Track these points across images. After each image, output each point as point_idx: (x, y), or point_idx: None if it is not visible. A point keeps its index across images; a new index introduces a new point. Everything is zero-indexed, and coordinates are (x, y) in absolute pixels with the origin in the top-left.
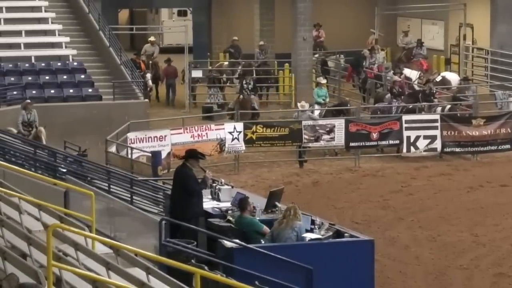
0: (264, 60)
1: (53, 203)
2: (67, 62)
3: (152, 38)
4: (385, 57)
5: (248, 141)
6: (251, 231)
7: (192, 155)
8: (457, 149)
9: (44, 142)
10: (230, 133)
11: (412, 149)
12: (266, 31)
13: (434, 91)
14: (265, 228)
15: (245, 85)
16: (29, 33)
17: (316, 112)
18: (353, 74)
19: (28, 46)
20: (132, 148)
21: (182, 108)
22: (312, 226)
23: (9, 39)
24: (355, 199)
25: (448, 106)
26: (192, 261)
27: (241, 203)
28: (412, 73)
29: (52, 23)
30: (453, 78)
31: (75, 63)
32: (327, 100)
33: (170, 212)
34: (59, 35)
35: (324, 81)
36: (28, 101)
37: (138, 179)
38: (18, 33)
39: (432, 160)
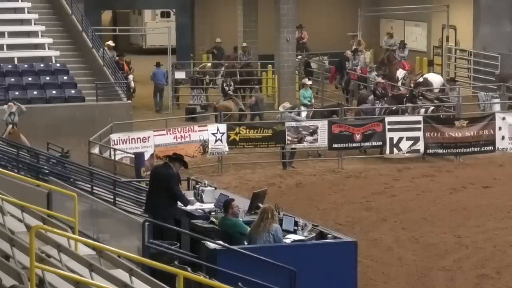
0: (247, 62)
1: (36, 204)
2: (50, 63)
3: (110, 43)
4: (371, 57)
5: (231, 143)
6: (236, 233)
7: (179, 159)
8: (440, 151)
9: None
10: (214, 134)
11: (395, 150)
12: (249, 33)
13: (420, 93)
14: (249, 230)
15: (226, 88)
16: (12, 34)
17: (303, 114)
18: (336, 76)
19: (11, 47)
20: (115, 150)
21: (165, 109)
22: (295, 228)
23: None
24: (338, 200)
25: (432, 108)
26: (175, 262)
27: (225, 204)
28: (400, 73)
29: (35, 24)
30: (435, 79)
31: (58, 64)
32: (313, 101)
33: (145, 209)
34: (42, 36)
35: (309, 82)
36: (10, 103)
37: (121, 181)
38: (1, 34)
39: (415, 162)
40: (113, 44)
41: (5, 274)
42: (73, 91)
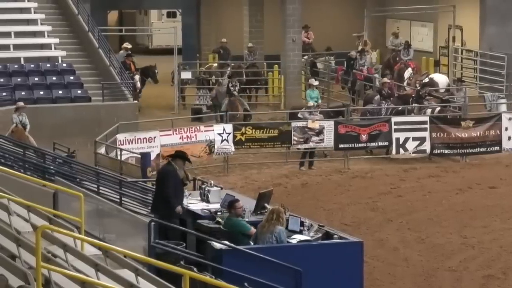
0: (253, 62)
1: (42, 204)
2: (56, 63)
3: (126, 45)
4: (377, 57)
5: (237, 143)
6: (237, 233)
7: (181, 156)
8: (446, 151)
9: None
10: (220, 134)
11: (401, 150)
12: (255, 33)
13: (427, 94)
14: (253, 230)
15: (231, 88)
16: (18, 34)
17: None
18: (343, 76)
19: (17, 47)
20: (121, 150)
21: (171, 109)
22: (301, 228)
23: None
24: (344, 200)
25: (438, 109)
26: (181, 262)
27: (229, 205)
28: (406, 73)
29: (41, 24)
30: (441, 80)
31: (64, 65)
32: (320, 101)
33: (151, 208)
34: (48, 36)
35: (316, 82)
36: (21, 103)
37: (127, 181)
38: (7, 35)
39: (421, 162)
40: (130, 46)
41: (11, 274)
42: (79, 91)
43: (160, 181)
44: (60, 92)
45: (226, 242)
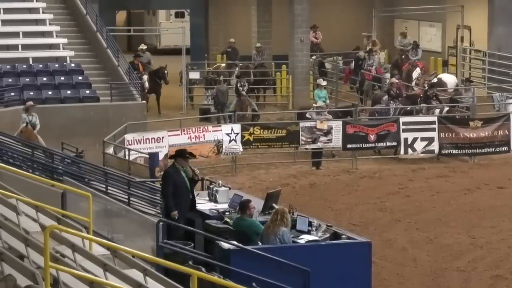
0: (261, 62)
1: (51, 204)
2: (65, 63)
3: (142, 46)
4: (385, 58)
5: (245, 143)
6: (252, 233)
7: (180, 154)
8: (455, 151)
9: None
10: (228, 134)
11: (410, 151)
12: (263, 33)
13: (434, 94)
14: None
15: (240, 88)
16: (26, 34)
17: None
18: (351, 76)
19: (26, 47)
20: (129, 150)
21: (179, 109)
22: (310, 228)
23: (6, 40)
24: (352, 201)
25: (446, 109)
26: (189, 262)
27: (242, 205)
28: (414, 73)
29: (49, 24)
30: (450, 80)
31: (73, 65)
32: (328, 101)
33: None
34: (56, 36)
35: (324, 82)
36: (31, 103)
37: (135, 181)
38: (15, 35)
39: (430, 162)
40: (145, 47)
41: (20, 274)
42: (87, 91)
43: (161, 183)
44: (69, 92)
45: (234, 242)
